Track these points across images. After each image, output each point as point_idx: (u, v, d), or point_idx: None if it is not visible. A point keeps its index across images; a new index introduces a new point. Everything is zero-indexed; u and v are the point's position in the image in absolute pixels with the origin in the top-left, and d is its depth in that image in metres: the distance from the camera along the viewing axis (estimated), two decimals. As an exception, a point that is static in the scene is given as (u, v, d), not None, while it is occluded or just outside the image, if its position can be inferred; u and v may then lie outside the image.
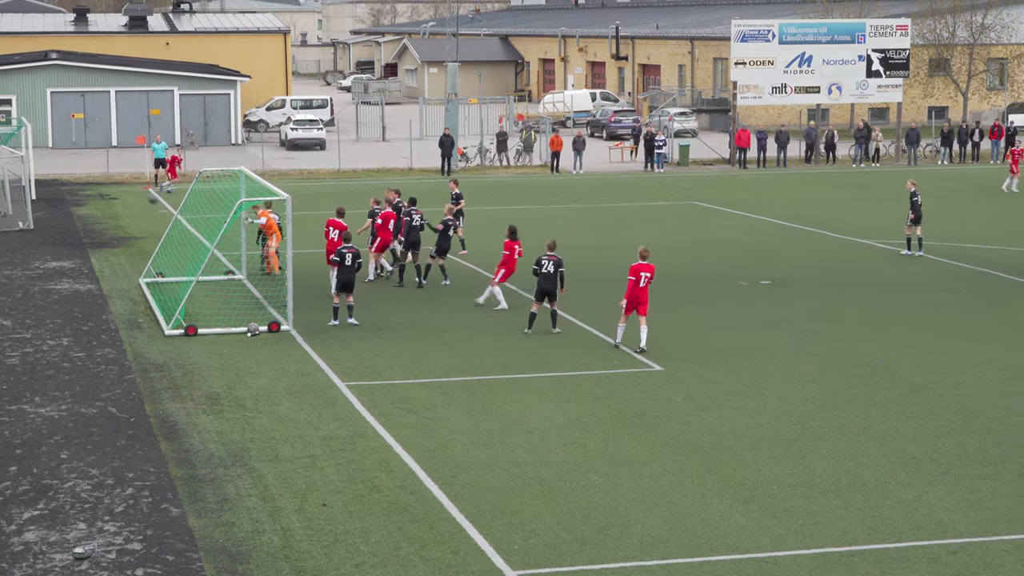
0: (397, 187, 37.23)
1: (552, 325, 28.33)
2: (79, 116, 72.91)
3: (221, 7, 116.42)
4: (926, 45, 79.58)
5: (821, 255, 38.62)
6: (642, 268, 26.71)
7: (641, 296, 26.69)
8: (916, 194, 38.08)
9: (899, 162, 67.49)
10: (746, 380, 24.64)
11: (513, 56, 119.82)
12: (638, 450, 20.52)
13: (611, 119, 79.80)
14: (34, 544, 16.78)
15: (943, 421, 22.06)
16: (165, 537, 17.00)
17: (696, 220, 46.39)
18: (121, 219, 46.72)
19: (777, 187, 56.83)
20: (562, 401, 23.24)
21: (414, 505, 18.10)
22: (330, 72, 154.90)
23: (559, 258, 28.02)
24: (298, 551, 16.54)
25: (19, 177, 48.84)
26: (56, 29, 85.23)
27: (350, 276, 28.81)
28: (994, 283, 34.24)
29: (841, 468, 19.63)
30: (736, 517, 17.67)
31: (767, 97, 65.91)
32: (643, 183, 58.59)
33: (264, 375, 25.01)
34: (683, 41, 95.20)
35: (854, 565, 16.11)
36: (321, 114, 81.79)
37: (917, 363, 25.94)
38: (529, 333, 28.21)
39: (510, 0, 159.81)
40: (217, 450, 20.50)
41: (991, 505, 18.11)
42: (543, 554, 16.46)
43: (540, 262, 28.01)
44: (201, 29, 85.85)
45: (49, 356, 26.48)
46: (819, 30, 65.85)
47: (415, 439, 21.03)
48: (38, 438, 21.15)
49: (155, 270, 34.25)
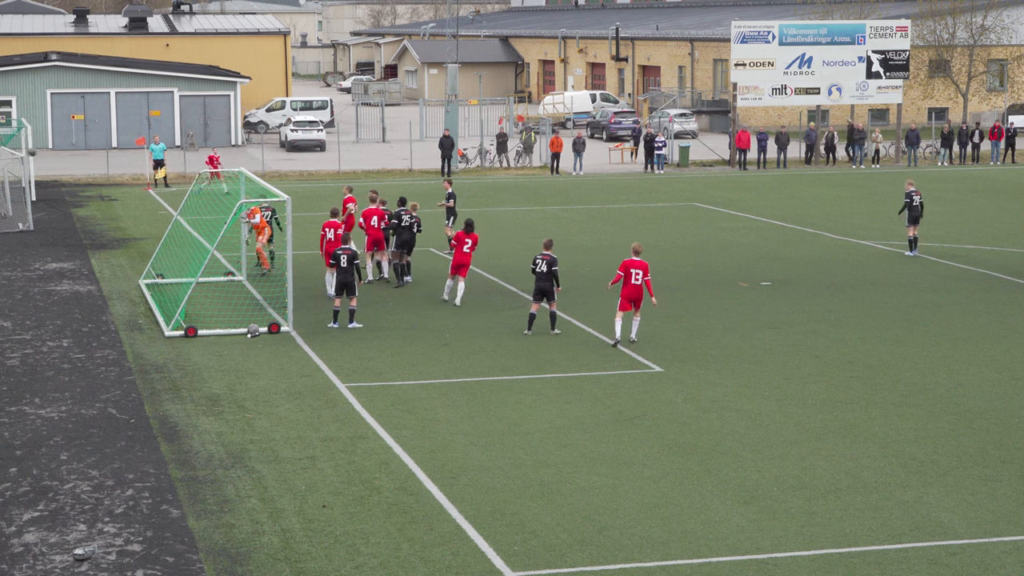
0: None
1: (551, 327, 28.33)
2: (79, 117, 72.93)
3: (221, 8, 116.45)
4: (926, 46, 79.59)
5: (821, 256, 38.62)
6: (632, 264, 26.80)
7: (637, 293, 26.78)
8: (912, 194, 38.10)
9: (899, 163, 67.49)
10: (746, 381, 24.64)
11: (513, 57, 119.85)
12: (638, 451, 20.52)
13: (611, 120, 79.82)
14: (34, 545, 16.78)
15: (943, 422, 22.07)
16: (165, 538, 17.00)
17: (696, 221, 46.38)
18: (121, 220, 46.73)
19: (777, 188, 56.84)
20: (562, 402, 23.24)
21: (414, 506, 18.10)
22: (330, 73, 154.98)
23: (552, 256, 28.00)
24: (298, 552, 16.54)
25: (19, 178, 48.86)
26: (56, 30, 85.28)
27: (347, 277, 28.76)
28: (994, 284, 34.24)
29: (841, 469, 19.63)
30: (736, 518, 17.67)
31: (767, 98, 65.90)
32: (643, 184, 58.60)
33: (264, 376, 25.02)
34: (683, 42, 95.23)
35: (854, 566, 16.11)
36: (321, 115, 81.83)
37: (917, 364, 25.94)
38: (529, 334, 28.23)
39: (510, 1, 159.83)
40: (217, 451, 20.50)
41: (991, 506, 18.11)
42: (543, 555, 16.46)
43: (535, 261, 28.07)
44: (201, 30, 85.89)
45: (49, 357, 26.48)
46: (819, 31, 65.86)
47: (415, 440, 21.03)
48: (38, 439, 21.15)
49: (155, 271, 34.25)
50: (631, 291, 26.86)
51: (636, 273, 26.81)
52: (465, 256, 31.08)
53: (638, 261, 26.91)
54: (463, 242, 31.03)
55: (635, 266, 26.85)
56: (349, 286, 28.78)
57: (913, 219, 38.24)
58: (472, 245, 31.14)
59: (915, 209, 38.18)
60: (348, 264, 28.62)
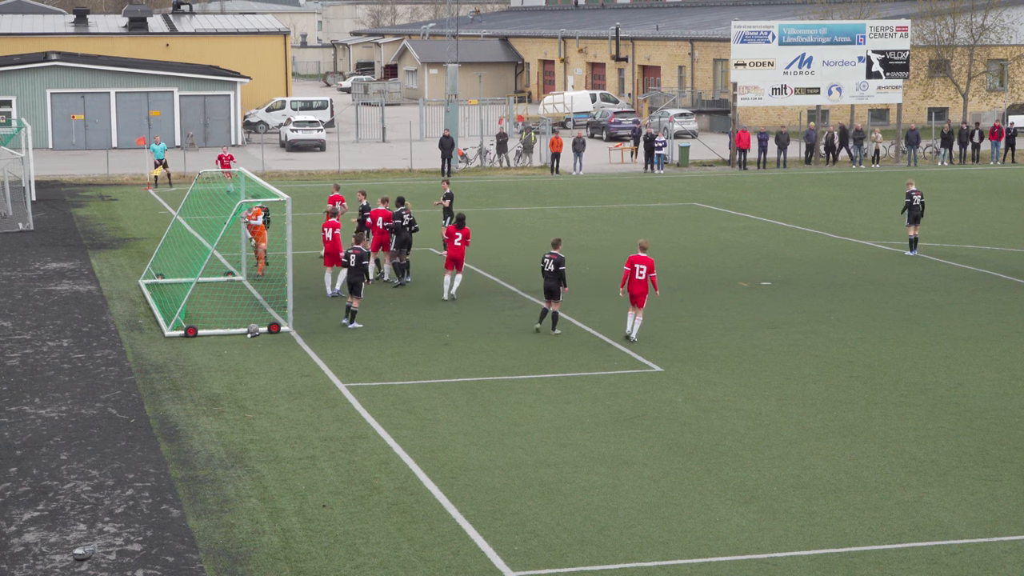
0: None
1: (552, 327, 28.34)
2: (79, 117, 72.93)
3: (221, 8, 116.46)
4: (926, 46, 79.58)
5: (821, 256, 38.62)
6: (638, 260, 26.95)
7: (639, 288, 26.90)
8: (912, 194, 38.12)
9: (899, 163, 67.49)
10: (746, 381, 24.64)
11: (513, 57, 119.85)
12: (638, 451, 20.52)
13: (611, 120, 79.82)
14: (34, 545, 16.79)
15: (943, 422, 22.07)
16: (165, 538, 17.00)
17: (696, 221, 46.38)
18: (121, 220, 46.73)
19: (777, 188, 56.83)
20: (562, 402, 23.24)
21: (414, 506, 18.11)
22: (330, 73, 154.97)
23: (560, 256, 28.03)
24: (298, 552, 16.54)
25: (19, 178, 48.85)
26: (56, 30, 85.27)
27: (354, 278, 28.83)
28: (994, 284, 34.24)
29: (841, 469, 19.63)
30: (736, 518, 17.67)
31: (767, 98, 65.90)
32: (643, 184, 58.59)
33: (264, 376, 25.02)
34: (683, 42, 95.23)
35: (854, 566, 16.11)
36: (321, 115, 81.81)
37: (917, 364, 25.94)
38: (540, 328, 28.29)
39: (510, 1, 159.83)
40: (217, 451, 20.50)
41: (991, 506, 18.11)
42: (543, 555, 16.46)
43: (543, 260, 28.18)
44: (201, 30, 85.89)
45: (49, 357, 26.48)
46: (819, 31, 65.85)
47: (415, 440, 21.03)
48: (38, 439, 21.15)
49: (155, 271, 34.25)
50: (634, 286, 27.01)
51: (640, 268, 26.94)
52: (457, 250, 31.48)
53: (643, 257, 27.04)
54: (453, 236, 31.43)
55: (639, 261, 26.99)
56: (355, 286, 28.84)
57: (914, 219, 38.27)
58: (463, 239, 31.41)
59: (915, 209, 38.21)
60: (357, 263, 28.72)
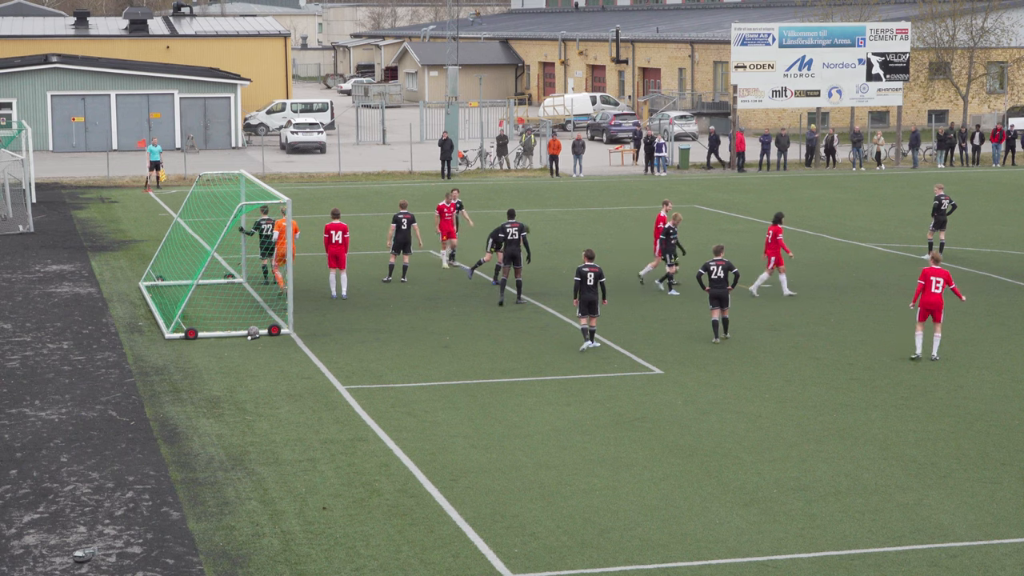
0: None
1: (588, 339, 27.18)
2: (79, 120, 72.95)
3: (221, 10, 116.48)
4: (926, 49, 79.60)
5: (821, 258, 38.62)
6: (933, 272, 26.24)
7: (936, 300, 26.21)
8: (940, 198, 38.03)
9: (900, 165, 67.51)
10: (746, 383, 24.64)
11: (513, 59, 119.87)
12: (638, 454, 20.52)
13: (611, 122, 79.84)
14: (34, 548, 16.79)
15: (943, 424, 22.07)
16: (165, 541, 17.00)
17: (697, 223, 46.36)
18: (121, 222, 46.74)
19: (777, 190, 56.83)
20: (562, 405, 23.24)
21: (414, 508, 18.11)
22: (330, 76, 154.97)
23: (599, 268, 27.02)
24: (298, 554, 16.54)
25: (19, 180, 48.86)
26: (56, 32, 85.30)
27: (404, 236, 33.57)
28: (995, 287, 34.24)
29: (841, 471, 19.63)
30: (736, 520, 17.67)
31: (767, 101, 65.93)
32: (644, 186, 58.60)
33: (264, 378, 25.02)
34: (683, 44, 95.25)
35: (854, 568, 16.11)
36: (321, 117, 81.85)
37: (917, 366, 25.94)
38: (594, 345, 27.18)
39: (510, 3, 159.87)
40: (217, 453, 20.50)
41: (991, 509, 18.10)
42: (543, 557, 16.46)
43: (582, 273, 26.82)
44: (201, 33, 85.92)
45: (49, 359, 26.48)
46: (819, 34, 65.89)
47: (415, 442, 21.03)
48: (38, 441, 21.15)
49: (155, 273, 34.26)
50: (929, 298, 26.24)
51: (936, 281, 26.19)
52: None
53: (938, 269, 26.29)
54: (444, 212, 35.70)
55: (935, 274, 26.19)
56: (406, 245, 33.59)
57: (940, 223, 38.14)
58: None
59: (941, 213, 38.08)
60: (407, 226, 33.49)
